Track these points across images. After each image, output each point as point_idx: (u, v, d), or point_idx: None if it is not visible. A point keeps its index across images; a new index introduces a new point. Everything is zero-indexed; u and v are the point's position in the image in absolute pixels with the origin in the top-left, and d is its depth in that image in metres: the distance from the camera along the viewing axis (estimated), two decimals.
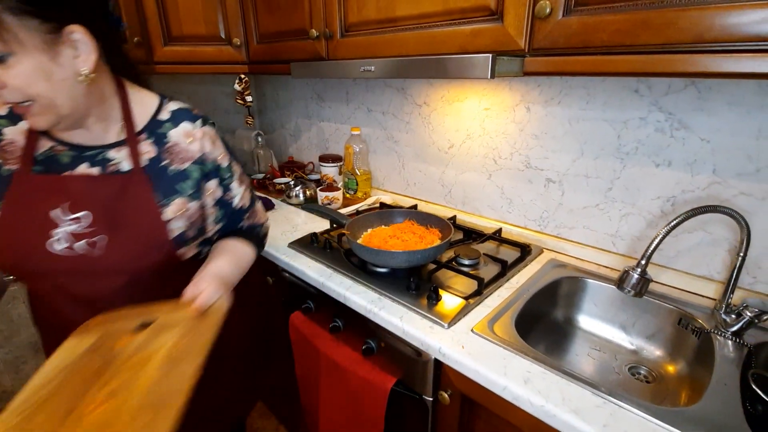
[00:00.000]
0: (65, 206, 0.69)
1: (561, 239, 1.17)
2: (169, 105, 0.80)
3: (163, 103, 0.80)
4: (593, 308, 1.03)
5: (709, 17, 0.59)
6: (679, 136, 0.92)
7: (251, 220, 0.92)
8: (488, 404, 0.76)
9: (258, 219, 0.95)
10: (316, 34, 1.17)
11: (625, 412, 0.64)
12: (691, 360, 0.87)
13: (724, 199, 0.89)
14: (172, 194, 0.74)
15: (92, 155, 0.72)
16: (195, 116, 0.80)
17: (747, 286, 0.90)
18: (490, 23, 0.82)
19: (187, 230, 0.77)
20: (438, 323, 0.85)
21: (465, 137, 1.32)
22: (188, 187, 0.76)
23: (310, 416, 1.22)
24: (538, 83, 1.11)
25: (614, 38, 0.68)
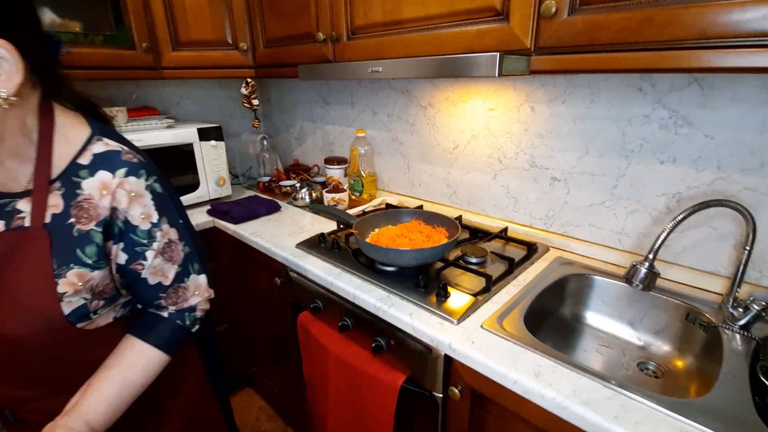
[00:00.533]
0: None
1: (567, 237, 1.18)
2: (95, 146, 0.63)
3: (91, 141, 0.64)
4: (601, 305, 1.04)
5: (712, 14, 0.61)
6: (683, 133, 0.93)
7: (176, 303, 0.73)
8: (499, 399, 0.77)
9: (188, 302, 0.74)
10: (322, 37, 1.19)
11: (635, 403, 0.64)
12: (699, 354, 0.88)
13: (729, 194, 0.90)
14: (70, 262, 0.60)
15: (1, 204, 0.60)
16: (123, 163, 0.63)
17: (753, 280, 0.90)
18: (496, 23, 0.84)
19: (91, 301, 0.63)
20: (447, 320, 0.86)
21: (470, 138, 1.33)
22: (91, 253, 0.62)
23: (318, 416, 1.22)
24: (543, 83, 1.12)
25: (619, 36, 0.69)
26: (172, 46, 1.50)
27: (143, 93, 1.81)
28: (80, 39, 1.38)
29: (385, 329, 0.95)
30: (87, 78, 1.43)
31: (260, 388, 1.78)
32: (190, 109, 1.94)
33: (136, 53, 1.46)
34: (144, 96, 1.81)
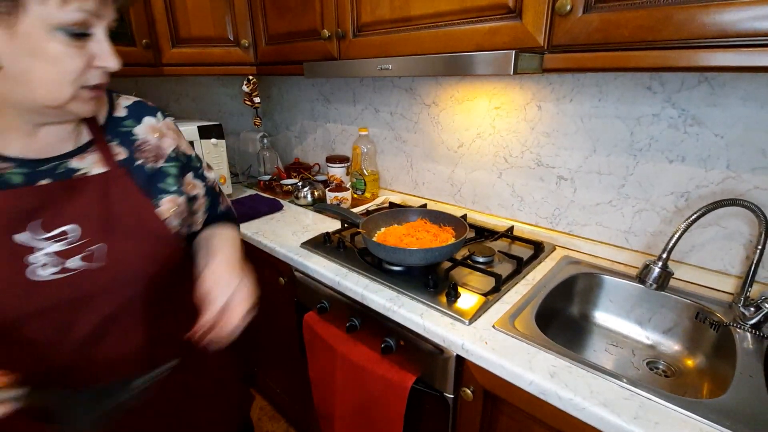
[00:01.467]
0: (35, 225, 0.56)
1: (573, 236, 1.18)
2: (120, 100, 0.69)
3: (113, 98, 0.69)
4: (609, 304, 1.03)
5: (733, 13, 0.60)
6: (692, 132, 0.93)
7: (225, 203, 0.87)
8: (513, 399, 0.76)
9: (227, 201, 0.89)
10: (327, 34, 1.18)
11: (653, 404, 0.64)
12: (710, 354, 0.88)
13: (739, 193, 0.90)
14: (158, 193, 0.67)
15: (50, 169, 0.58)
16: (153, 108, 0.72)
17: (764, 279, 0.91)
18: (508, 21, 0.83)
19: (180, 228, 0.71)
20: (459, 320, 0.85)
21: (475, 136, 1.33)
22: (171, 184, 0.69)
23: (325, 417, 1.21)
24: (550, 81, 1.12)
25: (636, 34, 0.69)
26: (172, 43, 1.47)
27: (142, 90, 1.78)
28: None
29: (395, 330, 0.94)
30: None
31: (262, 388, 1.77)
32: (189, 107, 1.91)
33: (136, 50, 1.43)
34: (142, 93, 1.78)
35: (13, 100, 0.53)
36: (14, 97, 0.52)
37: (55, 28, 0.50)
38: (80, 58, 0.52)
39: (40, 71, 0.51)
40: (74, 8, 0.50)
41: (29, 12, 0.48)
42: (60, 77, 0.52)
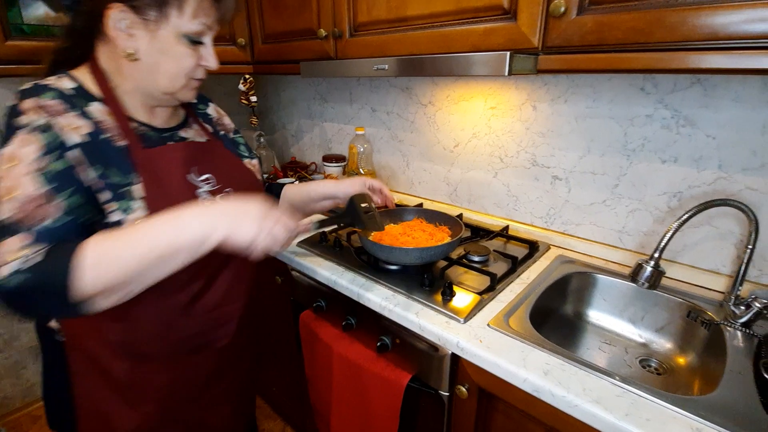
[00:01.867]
0: (195, 170, 0.75)
1: (568, 236, 1.19)
2: None
3: None
4: (602, 303, 1.05)
5: (724, 16, 0.61)
6: (685, 133, 0.95)
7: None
8: (507, 397, 0.77)
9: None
10: (324, 33, 1.18)
11: (645, 401, 0.65)
12: (701, 352, 0.89)
13: (730, 193, 0.92)
14: (242, 156, 0.90)
15: (168, 136, 0.77)
16: (206, 96, 0.92)
17: (754, 278, 0.92)
18: (503, 22, 0.84)
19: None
20: (454, 318, 0.85)
21: (471, 136, 1.33)
22: (244, 150, 0.92)
23: (321, 416, 1.22)
24: (545, 82, 1.13)
25: (629, 36, 0.69)
26: None
27: None
28: None
29: (390, 328, 0.95)
30: None
31: (258, 387, 1.77)
32: None
33: None
34: None
35: (142, 85, 0.70)
36: (143, 83, 0.69)
37: (182, 35, 0.67)
38: (193, 58, 0.70)
39: (166, 65, 0.68)
40: (198, 22, 0.67)
41: (169, 22, 0.65)
42: (178, 71, 0.69)
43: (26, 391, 1.77)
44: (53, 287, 0.54)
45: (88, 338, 0.73)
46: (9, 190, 0.57)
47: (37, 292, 0.54)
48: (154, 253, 0.57)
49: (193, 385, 0.83)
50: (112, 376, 0.75)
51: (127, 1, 0.62)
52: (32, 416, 1.74)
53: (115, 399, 0.76)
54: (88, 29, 0.67)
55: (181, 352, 0.78)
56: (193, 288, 0.74)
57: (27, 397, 1.78)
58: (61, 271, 0.54)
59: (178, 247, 0.59)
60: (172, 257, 0.59)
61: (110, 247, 0.57)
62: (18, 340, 1.69)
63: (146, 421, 0.78)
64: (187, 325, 0.76)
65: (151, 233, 0.58)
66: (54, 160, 0.60)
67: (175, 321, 0.75)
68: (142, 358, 0.75)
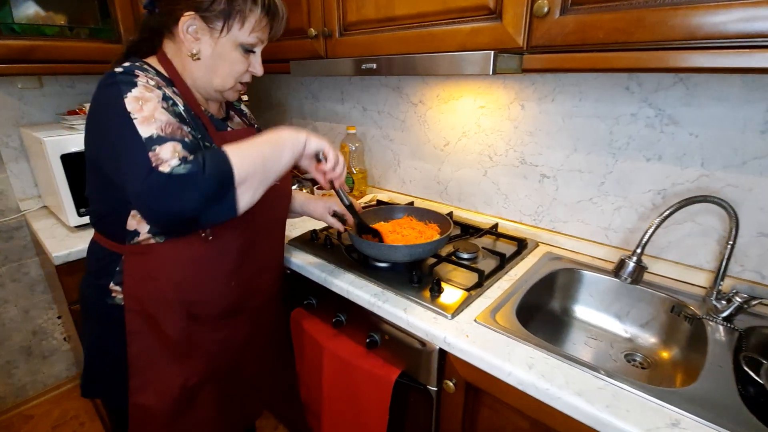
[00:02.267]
0: None
1: (556, 233, 1.20)
2: None
3: None
4: (589, 299, 1.06)
5: (700, 15, 0.63)
6: (668, 131, 0.96)
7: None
8: (493, 390, 0.79)
9: None
10: (314, 33, 1.19)
11: (626, 393, 0.66)
12: (684, 346, 0.91)
13: (713, 190, 0.93)
14: None
15: (221, 125, 0.88)
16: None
17: (735, 273, 0.94)
18: (489, 22, 0.85)
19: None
20: (442, 314, 0.87)
21: (461, 135, 1.35)
22: None
23: (312, 412, 1.23)
24: (532, 81, 1.14)
25: (610, 36, 0.71)
26: None
27: None
28: (65, 32, 1.35)
29: (380, 324, 0.96)
30: (72, 72, 1.40)
31: None
32: None
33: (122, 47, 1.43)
34: None
35: (199, 82, 0.83)
36: (200, 80, 0.82)
37: (239, 44, 0.80)
38: (244, 64, 0.83)
39: (221, 68, 0.81)
40: (254, 36, 0.80)
41: (231, 33, 0.78)
42: (230, 74, 0.82)
43: (18, 391, 1.77)
44: (221, 170, 0.66)
45: (148, 300, 0.82)
46: (148, 117, 0.68)
47: (206, 177, 0.64)
48: (268, 148, 0.74)
49: (233, 344, 0.94)
50: (166, 335, 0.84)
51: (200, 12, 0.75)
52: (24, 416, 1.74)
53: (167, 356, 0.85)
54: (160, 28, 0.81)
55: (226, 314, 0.90)
56: (237, 260, 0.87)
57: (19, 397, 1.77)
58: (222, 157, 0.67)
59: (282, 143, 0.76)
60: (280, 151, 0.75)
61: (240, 147, 0.71)
62: (9, 340, 1.69)
63: (193, 376, 0.88)
64: (231, 292, 0.88)
65: (263, 138, 0.75)
66: (171, 105, 0.74)
67: (223, 287, 0.87)
68: (194, 319, 0.86)
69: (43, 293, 1.74)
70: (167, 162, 0.64)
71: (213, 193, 0.65)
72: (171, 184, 0.63)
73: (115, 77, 0.71)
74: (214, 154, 0.67)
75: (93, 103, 0.75)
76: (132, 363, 0.85)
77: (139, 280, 0.81)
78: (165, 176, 0.63)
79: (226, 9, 0.76)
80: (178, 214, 0.65)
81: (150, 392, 0.86)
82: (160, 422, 0.87)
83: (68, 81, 1.62)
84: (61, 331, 1.82)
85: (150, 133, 0.66)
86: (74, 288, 1.27)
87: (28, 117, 1.58)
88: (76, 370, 1.90)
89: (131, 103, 0.68)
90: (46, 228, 1.40)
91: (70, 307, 1.29)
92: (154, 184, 0.63)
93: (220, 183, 0.66)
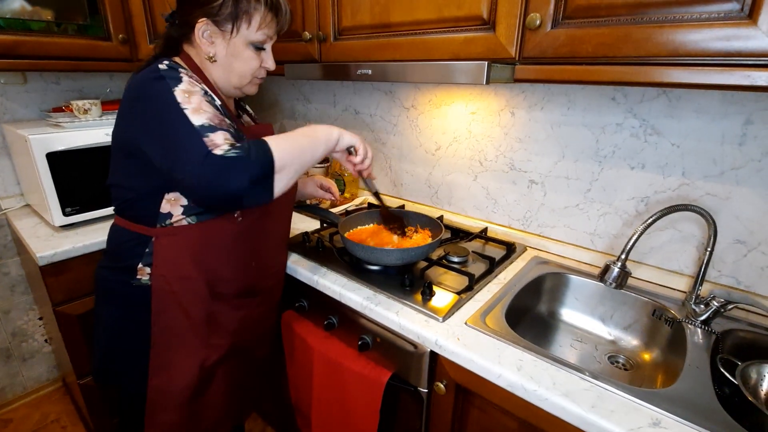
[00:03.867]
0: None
1: (543, 238, 1.23)
2: None
3: None
4: (575, 302, 1.09)
5: (683, 33, 0.66)
6: (652, 141, 1.00)
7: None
8: (483, 392, 0.81)
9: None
10: (309, 36, 1.19)
11: (610, 394, 0.69)
12: (665, 348, 0.95)
13: (693, 199, 0.97)
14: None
15: (238, 118, 1.00)
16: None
17: (713, 279, 0.98)
18: (483, 32, 0.87)
19: None
20: (433, 317, 0.88)
21: (452, 140, 1.37)
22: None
23: (301, 415, 1.23)
24: (523, 90, 1.17)
25: (598, 50, 0.74)
26: (149, 39, 1.46)
27: (116, 86, 1.75)
28: (52, 28, 1.32)
29: (371, 327, 0.97)
30: (59, 69, 1.38)
31: None
32: None
33: (112, 44, 1.41)
34: (117, 89, 1.75)
35: (219, 81, 0.92)
36: (219, 80, 0.91)
37: (250, 43, 0.88)
38: (256, 61, 0.91)
39: (236, 66, 0.89)
40: (262, 33, 0.87)
41: (240, 33, 0.86)
42: (245, 70, 0.91)
43: None
44: (264, 157, 0.73)
45: (175, 279, 0.88)
46: (197, 108, 0.76)
47: (252, 162, 0.71)
48: (305, 140, 0.82)
49: (251, 322, 1.01)
50: (189, 313, 0.90)
51: (211, 17, 0.83)
52: (2, 420, 1.70)
53: (189, 334, 0.91)
54: (180, 37, 0.89)
55: (245, 293, 0.97)
56: (259, 241, 0.96)
57: None
58: (265, 147, 0.74)
59: (317, 137, 0.84)
60: (315, 145, 0.83)
61: (279, 139, 0.78)
62: None
63: (213, 354, 0.94)
64: (251, 272, 0.97)
65: (300, 132, 0.83)
66: (212, 101, 0.82)
67: (246, 266, 0.95)
68: (217, 297, 0.92)
69: (24, 294, 1.70)
70: (221, 146, 0.72)
71: (257, 177, 0.72)
72: (226, 165, 0.70)
73: (160, 72, 0.79)
74: (258, 143, 0.75)
75: (135, 94, 0.80)
76: (154, 343, 0.90)
77: (169, 259, 0.87)
78: (220, 158, 0.70)
79: (234, 11, 0.83)
80: (230, 192, 0.72)
81: (169, 373, 0.91)
82: (176, 403, 0.93)
83: (53, 77, 1.59)
84: (42, 333, 1.78)
85: (202, 122, 0.74)
86: (59, 289, 1.26)
87: (11, 113, 1.54)
88: (58, 373, 1.86)
89: (181, 95, 0.76)
90: (28, 227, 1.37)
91: (55, 308, 1.26)
92: (211, 165, 0.70)
93: (263, 167, 0.73)
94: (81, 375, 1.35)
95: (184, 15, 0.87)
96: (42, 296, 1.44)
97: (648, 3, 0.68)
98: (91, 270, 1.27)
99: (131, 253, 0.89)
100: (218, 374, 0.98)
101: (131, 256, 0.89)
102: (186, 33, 0.87)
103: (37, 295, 1.64)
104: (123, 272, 0.90)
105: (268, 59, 0.93)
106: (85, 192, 1.35)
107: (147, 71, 0.80)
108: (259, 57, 0.91)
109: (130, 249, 0.89)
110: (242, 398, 1.11)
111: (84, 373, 1.35)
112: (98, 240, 1.28)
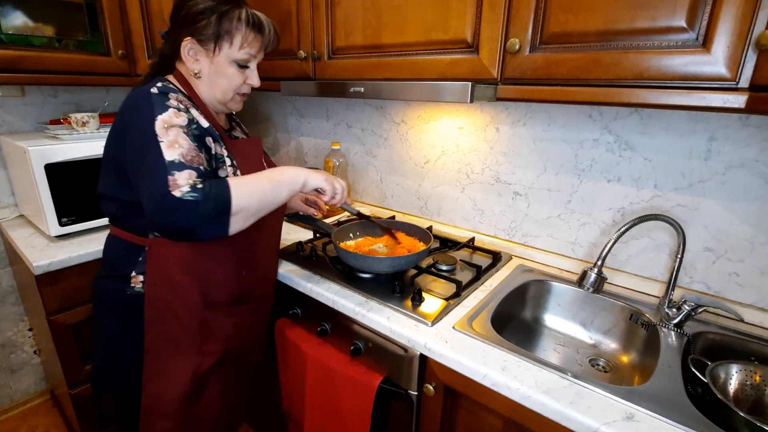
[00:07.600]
0: (263, 156, 1.06)
1: (527, 247, 1.29)
2: None
3: None
4: (557, 308, 1.14)
5: (647, 59, 0.73)
6: (626, 156, 1.07)
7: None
8: (470, 392, 0.85)
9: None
10: (304, 55, 1.25)
11: (588, 391, 0.74)
12: (641, 350, 1.00)
13: (665, 209, 1.04)
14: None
15: (229, 135, 1.02)
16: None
17: (685, 284, 1.04)
18: (467, 55, 0.94)
19: None
20: (422, 322, 0.93)
21: (440, 153, 1.43)
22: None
23: (294, 422, 1.25)
24: (506, 107, 1.24)
25: (572, 72, 0.80)
26: (147, 54, 1.51)
27: (113, 99, 1.79)
28: (53, 43, 1.36)
29: (363, 333, 1.01)
30: (59, 83, 1.41)
31: None
32: None
33: (111, 60, 1.45)
34: (114, 102, 1.79)
35: (206, 96, 0.95)
36: (205, 95, 0.95)
37: (233, 60, 0.92)
38: (240, 78, 0.94)
39: (220, 82, 0.93)
40: (244, 52, 0.91)
41: (222, 51, 0.90)
42: (229, 87, 0.94)
43: None
44: (220, 201, 0.76)
45: (168, 287, 0.91)
46: (173, 142, 0.79)
47: (207, 205, 0.75)
48: (267, 185, 0.84)
49: (244, 328, 1.04)
50: (182, 321, 0.93)
51: (195, 36, 0.88)
52: None
53: (182, 342, 0.94)
54: (171, 54, 0.93)
55: (237, 300, 1.00)
56: (249, 250, 0.99)
57: None
58: (225, 191, 0.77)
59: (281, 181, 0.86)
60: (278, 188, 0.85)
61: (242, 181, 0.81)
62: None
63: (207, 359, 0.97)
64: (242, 279, 0.99)
65: (265, 174, 0.86)
66: (193, 129, 0.84)
67: (236, 274, 0.98)
68: (209, 305, 0.95)
69: (14, 305, 1.70)
70: (181, 188, 0.74)
71: (210, 218, 0.76)
72: (179, 207, 0.74)
73: (151, 96, 0.83)
74: (220, 185, 0.78)
75: (125, 111, 0.85)
76: (148, 350, 0.93)
77: (161, 268, 0.90)
78: (177, 200, 0.73)
79: (216, 31, 0.88)
80: (178, 229, 0.76)
81: (164, 379, 0.94)
82: (171, 409, 0.95)
83: (51, 91, 1.62)
84: (32, 344, 1.77)
85: (173, 157, 0.77)
86: (54, 298, 1.27)
87: (8, 125, 1.56)
88: (46, 385, 1.85)
89: (160, 126, 0.79)
90: (23, 237, 1.39)
91: (48, 318, 1.27)
92: (166, 206, 0.74)
93: (217, 211, 0.76)
94: (73, 385, 1.35)
95: (173, 33, 0.91)
96: (34, 306, 1.44)
97: (615, 31, 0.75)
98: (85, 280, 1.29)
99: (125, 262, 0.92)
100: (212, 381, 1.00)
101: (125, 264, 0.92)
102: (176, 50, 0.91)
103: (28, 305, 1.64)
104: (118, 281, 0.93)
105: (253, 76, 0.96)
106: (81, 202, 1.37)
107: (141, 90, 0.85)
108: (243, 74, 0.94)
109: (125, 258, 0.93)
110: (236, 405, 1.13)
111: (76, 383, 1.35)
112: (93, 250, 1.30)
